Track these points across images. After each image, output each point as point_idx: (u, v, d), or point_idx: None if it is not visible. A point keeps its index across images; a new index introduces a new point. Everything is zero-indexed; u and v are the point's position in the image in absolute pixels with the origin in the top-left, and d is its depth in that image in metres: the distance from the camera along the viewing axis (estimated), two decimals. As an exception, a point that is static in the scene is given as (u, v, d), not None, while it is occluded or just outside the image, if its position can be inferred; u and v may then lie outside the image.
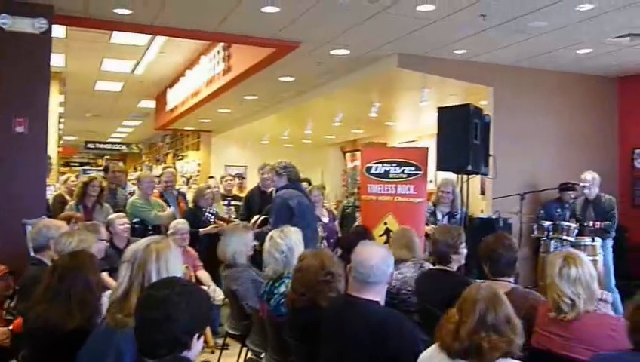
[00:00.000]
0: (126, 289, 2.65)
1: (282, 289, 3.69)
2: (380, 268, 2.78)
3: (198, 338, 2.06)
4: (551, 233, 7.29)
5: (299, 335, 3.27)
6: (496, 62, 8.35)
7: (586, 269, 3.12)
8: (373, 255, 2.81)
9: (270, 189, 7.17)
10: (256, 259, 4.80)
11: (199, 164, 17.51)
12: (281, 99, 11.63)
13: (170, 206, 7.43)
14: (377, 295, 2.79)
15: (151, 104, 15.52)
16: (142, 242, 2.76)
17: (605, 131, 9.25)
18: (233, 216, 7.88)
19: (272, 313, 3.74)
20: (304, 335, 3.17)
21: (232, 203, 8.35)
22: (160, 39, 9.23)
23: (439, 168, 6.47)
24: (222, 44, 9.43)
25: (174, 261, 2.70)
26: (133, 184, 8.75)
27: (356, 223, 7.54)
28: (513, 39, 7.25)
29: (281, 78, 9.68)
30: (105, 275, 4.56)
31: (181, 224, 6.46)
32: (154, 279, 2.57)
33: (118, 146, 23.31)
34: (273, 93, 11.03)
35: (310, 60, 8.36)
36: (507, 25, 6.65)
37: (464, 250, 4.30)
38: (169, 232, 6.34)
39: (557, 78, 8.89)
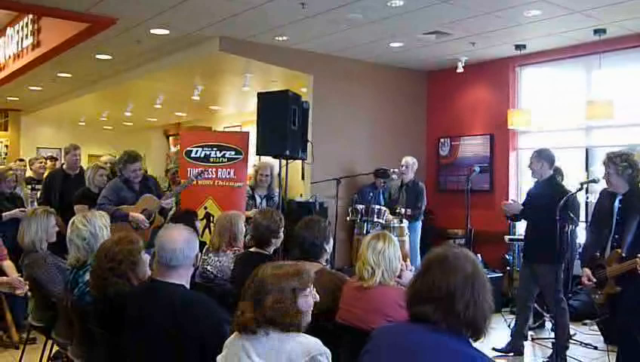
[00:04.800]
0: None
1: (86, 277, 3.52)
2: (182, 251, 2.75)
3: None
4: (364, 216, 7.68)
5: (104, 323, 3.14)
6: (317, 50, 8.58)
7: (392, 248, 3.38)
8: (176, 238, 2.78)
9: (76, 172, 6.84)
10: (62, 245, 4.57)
11: (7, 146, 16.18)
12: (98, 78, 11.02)
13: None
14: (182, 278, 2.76)
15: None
16: None
17: (416, 121, 9.91)
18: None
19: (76, 302, 3.56)
20: (109, 322, 3.05)
21: (38, 187, 7.78)
22: (-44, 5, 8.32)
23: (258, 153, 6.56)
24: (30, 15, 8.72)
25: None
26: None
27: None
28: (332, 29, 7.49)
29: (98, 56, 9.17)
30: None
31: None
32: None
33: None
34: (89, 71, 10.41)
35: (128, 38, 8.01)
36: (326, 15, 6.85)
37: (282, 235, 4.46)
38: None
39: (373, 69, 9.34)
